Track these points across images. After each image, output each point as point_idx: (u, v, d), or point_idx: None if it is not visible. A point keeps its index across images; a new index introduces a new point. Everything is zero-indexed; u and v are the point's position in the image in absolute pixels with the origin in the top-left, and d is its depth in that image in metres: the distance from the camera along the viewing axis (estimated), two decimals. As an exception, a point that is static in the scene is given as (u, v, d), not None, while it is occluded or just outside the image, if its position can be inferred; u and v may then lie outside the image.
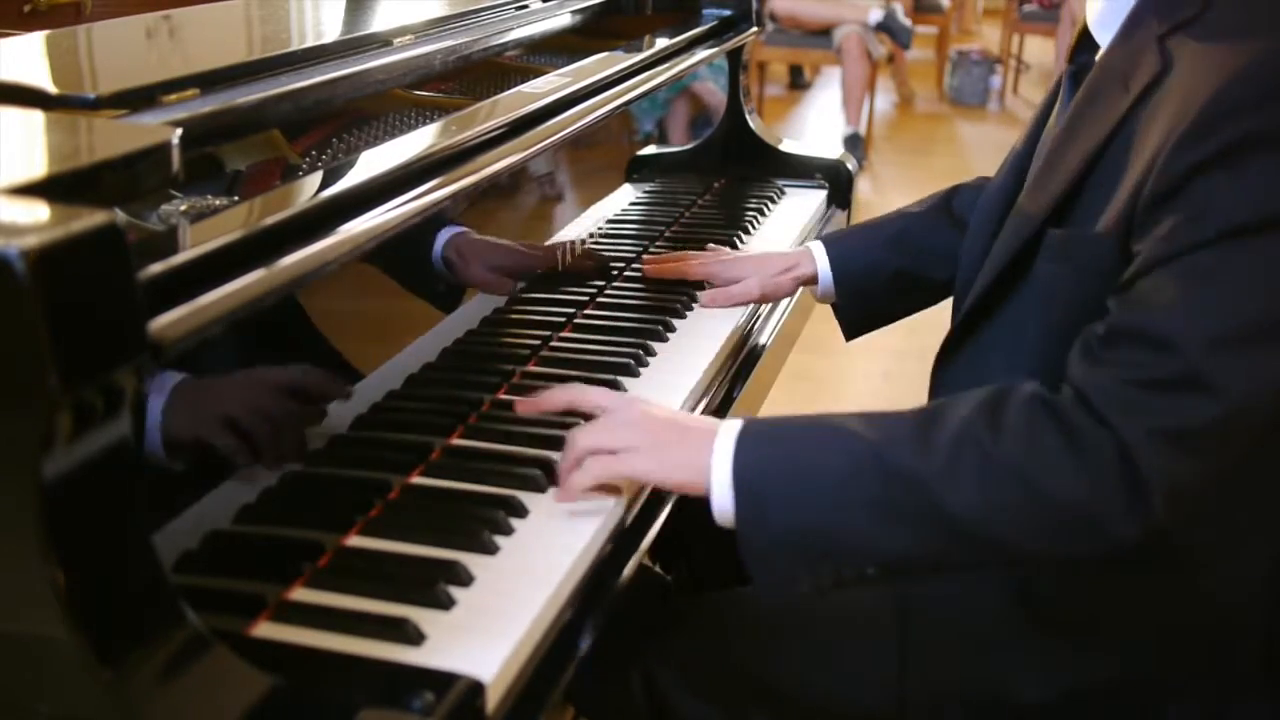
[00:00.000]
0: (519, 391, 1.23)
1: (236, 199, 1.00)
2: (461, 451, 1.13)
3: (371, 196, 1.00)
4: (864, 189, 5.38)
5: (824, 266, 1.48)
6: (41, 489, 0.65)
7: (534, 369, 1.30)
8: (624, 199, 1.75)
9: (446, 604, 0.89)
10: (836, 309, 1.51)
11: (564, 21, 1.76)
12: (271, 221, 0.88)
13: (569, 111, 1.37)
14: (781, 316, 1.61)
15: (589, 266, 1.53)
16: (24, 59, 1.12)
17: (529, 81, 1.41)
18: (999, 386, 0.96)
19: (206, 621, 0.74)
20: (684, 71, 1.75)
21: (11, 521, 0.66)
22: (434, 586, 0.89)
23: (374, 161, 1.06)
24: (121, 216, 0.67)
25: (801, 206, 1.99)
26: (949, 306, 1.30)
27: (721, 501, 0.97)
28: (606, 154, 1.75)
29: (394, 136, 1.22)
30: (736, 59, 2.06)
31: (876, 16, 5.83)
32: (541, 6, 1.75)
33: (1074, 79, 1.14)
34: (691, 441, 0.99)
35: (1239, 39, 0.94)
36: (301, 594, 0.90)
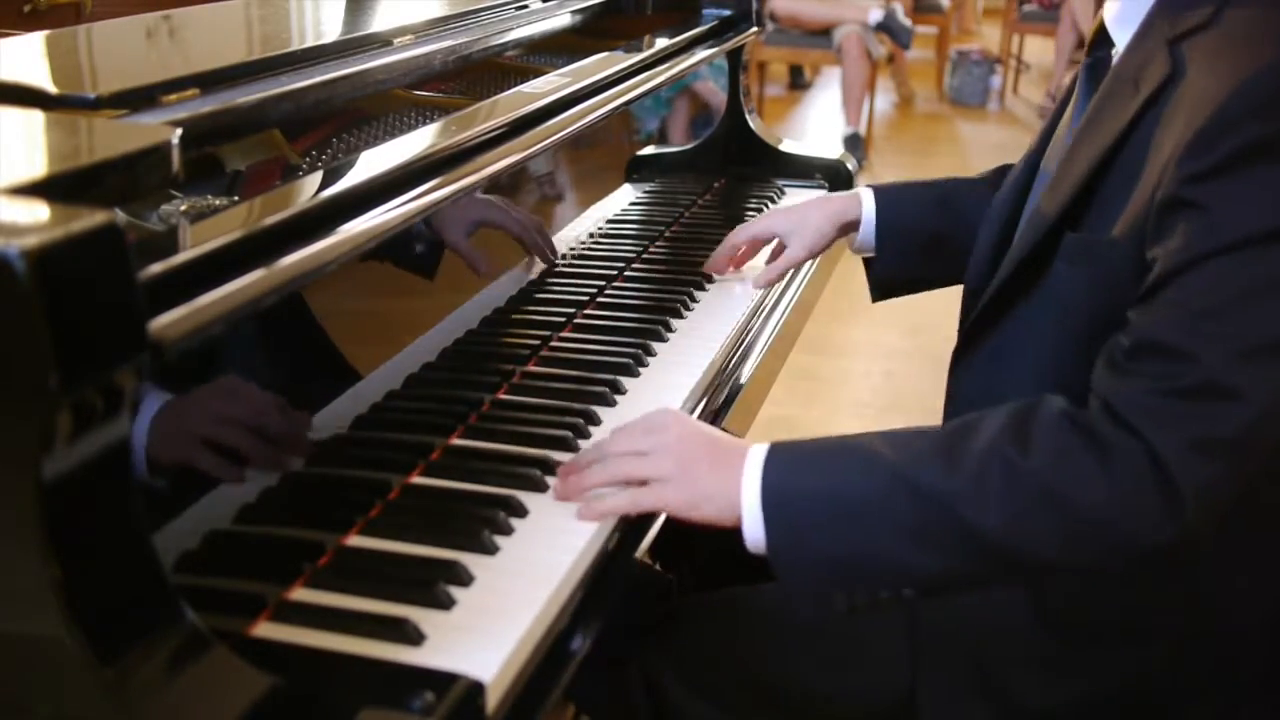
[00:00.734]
0: (519, 391, 1.23)
1: (236, 199, 1.00)
2: (461, 451, 1.12)
3: (371, 196, 1.00)
4: (864, 189, 5.36)
5: (869, 213, 1.46)
6: (41, 488, 0.65)
7: (534, 369, 1.30)
8: (624, 199, 1.75)
9: (446, 604, 0.88)
10: (869, 265, 1.50)
11: (564, 21, 1.76)
12: (271, 221, 0.88)
13: (569, 111, 1.37)
14: (782, 316, 1.61)
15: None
16: (24, 59, 1.12)
17: (529, 81, 1.41)
18: (1023, 403, 0.96)
19: (206, 621, 0.74)
20: (684, 71, 1.75)
21: (11, 521, 0.66)
22: (434, 586, 0.89)
23: (374, 161, 1.06)
24: (121, 216, 0.67)
25: (801, 206, 1.98)
26: (952, 307, 1.30)
27: (754, 531, 0.97)
28: (606, 154, 1.75)
29: (394, 136, 1.22)
30: (736, 59, 2.06)
31: (876, 16, 5.83)
32: (541, 6, 1.75)
33: (1090, 71, 1.15)
34: (721, 470, 0.99)
35: (1248, 48, 0.94)
36: (301, 594, 0.90)
